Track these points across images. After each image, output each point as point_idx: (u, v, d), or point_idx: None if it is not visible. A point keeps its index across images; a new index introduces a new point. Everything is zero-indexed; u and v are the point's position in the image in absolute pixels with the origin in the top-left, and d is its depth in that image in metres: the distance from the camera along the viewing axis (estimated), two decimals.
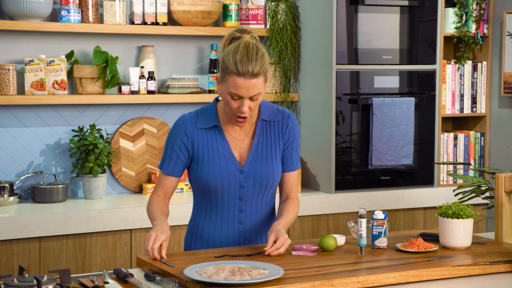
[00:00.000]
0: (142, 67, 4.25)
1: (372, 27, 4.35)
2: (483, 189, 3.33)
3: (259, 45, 2.65)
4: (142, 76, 4.23)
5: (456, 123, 5.00)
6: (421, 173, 4.56)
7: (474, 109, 4.78)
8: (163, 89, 4.37)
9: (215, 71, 4.40)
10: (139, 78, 4.23)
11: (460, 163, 3.43)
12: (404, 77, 4.48)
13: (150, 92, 4.26)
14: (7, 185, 3.96)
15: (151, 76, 4.25)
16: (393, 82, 4.45)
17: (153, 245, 2.56)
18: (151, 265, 2.52)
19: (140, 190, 4.33)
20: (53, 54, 4.17)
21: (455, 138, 4.73)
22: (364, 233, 2.67)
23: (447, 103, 4.69)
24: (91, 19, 4.13)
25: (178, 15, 4.31)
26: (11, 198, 3.93)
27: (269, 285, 2.27)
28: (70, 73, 4.19)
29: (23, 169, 4.14)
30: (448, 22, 4.68)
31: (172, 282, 2.31)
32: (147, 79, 4.25)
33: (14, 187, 4.03)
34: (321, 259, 2.61)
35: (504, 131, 4.71)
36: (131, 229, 3.88)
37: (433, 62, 4.55)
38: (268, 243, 2.62)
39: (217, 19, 4.45)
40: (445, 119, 4.94)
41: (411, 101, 4.41)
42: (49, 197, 4.00)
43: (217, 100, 2.81)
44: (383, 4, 4.36)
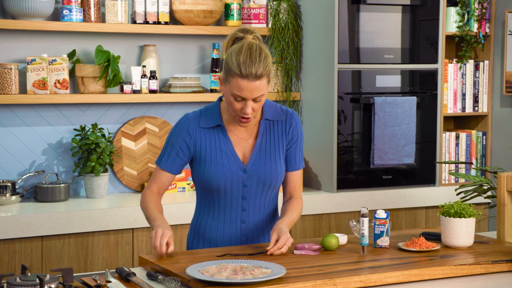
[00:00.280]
0: (144, 66, 4.25)
1: (374, 26, 4.35)
2: (485, 188, 3.33)
3: (262, 46, 2.64)
4: (144, 75, 4.24)
5: (458, 122, 4.99)
6: (423, 172, 4.56)
7: (476, 108, 4.78)
8: (165, 88, 4.37)
9: (217, 70, 4.40)
10: (141, 77, 4.23)
11: (462, 162, 3.43)
12: (406, 76, 4.48)
13: (152, 91, 4.26)
14: (9, 184, 3.96)
15: (153, 75, 4.25)
16: (395, 81, 4.45)
17: (161, 241, 2.55)
18: (153, 264, 2.52)
19: (142, 189, 4.33)
20: (55, 53, 4.17)
21: (457, 137, 4.72)
22: (366, 232, 2.67)
23: (449, 102, 4.69)
24: (93, 18, 4.13)
25: (180, 14, 4.31)
26: (13, 197, 3.93)
27: (271, 284, 2.27)
28: (72, 72, 4.19)
29: (25, 168, 4.14)
30: (450, 21, 4.68)
31: (174, 281, 2.31)
32: (149, 78, 4.25)
33: (16, 186, 4.04)
34: (323, 258, 2.61)
35: (506, 130, 4.71)
36: (133, 228, 3.88)
37: (435, 61, 4.54)
38: (271, 242, 2.62)
39: (219, 18, 4.45)
40: (447, 118, 4.94)
41: (413, 100, 4.41)
42: (51, 196, 4.00)
43: (221, 99, 2.80)
44: (385, 3, 4.36)
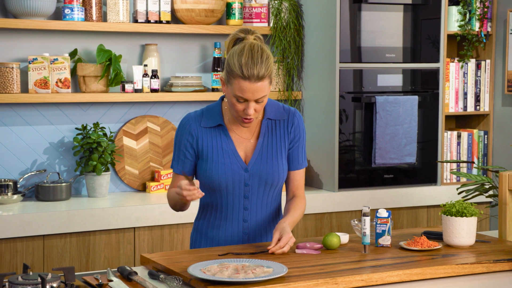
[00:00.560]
0: (145, 65, 4.25)
1: (375, 25, 4.35)
2: (486, 187, 3.32)
3: (263, 47, 2.63)
4: (145, 75, 4.24)
5: (460, 122, 4.99)
6: (424, 171, 4.56)
7: (478, 107, 4.78)
8: (166, 87, 4.37)
9: (218, 69, 4.40)
10: (143, 76, 4.24)
11: (464, 162, 3.42)
12: (407, 75, 4.47)
13: (153, 91, 4.26)
14: (10, 183, 3.96)
15: (154, 75, 4.25)
16: (396, 80, 4.45)
17: (188, 192, 2.54)
18: (155, 263, 2.52)
19: (143, 188, 4.34)
20: (56, 53, 4.17)
21: (459, 136, 4.72)
22: (367, 231, 2.67)
23: (450, 101, 4.69)
24: (94, 17, 4.13)
25: (181, 13, 4.31)
26: (15, 196, 3.94)
27: (273, 283, 2.27)
28: (73, 72, 4.20)
29: (26, 167, 4.15)
30: (451, 20, 4.68)
31: (176, 280, 2.31)
32: (151, 77, 4.25)
33: (18, 185, 4.04)
34: (324, 257, 2.61)
35: (507, 129, 4.71)
36: (134, 227, 3.88)
37: (436, 60, 4.54)
38: (273, 241, 2.62)
39: (220, 18, 4.44)
40: (448, 117, 4.93)
41: (414, 99, 4.41)
42: (52, 195, 4.00)
43: (222, 99, 2.80)
44: (386, 2, 4.36)
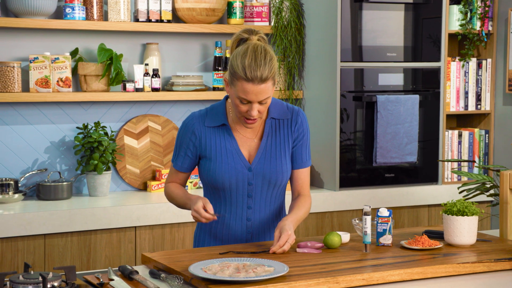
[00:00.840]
0: (146, 64, 4.26)
1: (376, 24, 4.35)
2: (487, 186, 3.32)
3: (267, 48, 2.62)
4: (146, 74, 4.24)
5: (461, 121, 4.99)
6: (425, 170, 4.56)
7: (479, 106, 4.78)
8: (167, 86, 4.37)
9: (219, 68, 4.40)
10: (144, 75, 4.24)
11: (465, 161, 3.42)
12: (408, 75, 4.47)
13: (154, 90, 4.26)
14: (12, 182, 3.96)
15: (155, 74, 4.25)
16: (397, 80, 4.44)
17: (204, 214, 2.63)
18: (156, 262, 2.53)
19: (144, 188, 4.34)
20: (57, 52, 4.17)
21: (460, 135, 4.72)
22: (368, 230, 2.67)
23: (451, 100, 4.69)
24: (95, 17, 4.13)
25: (182, 12, 4.31)
26: (16, 195, 3.94)
27: (274, 282, 2.27)
28: (74, 71, 4.20)
29: (27, 166, 4.15)
30: (452, 19, 4.68)
31: (177, 279, 2.31)
32: (152, 77, 4.25)
33: (19, 185, 4.04)
34: (325, 256, 2.61)
35: (508, 128, 4.70)
36: (135, 226, 3.88)
37: (437, 59, 4.54)
38: (274, 241, 2.62)
39: (221, 17, 4.44)
40: (449, 117, 4.93)
41: (415, 98, 4.40)
42: (53, 194, 4.00)
43: (227, 98, 2.80)
44: (387, 1, 4.36)
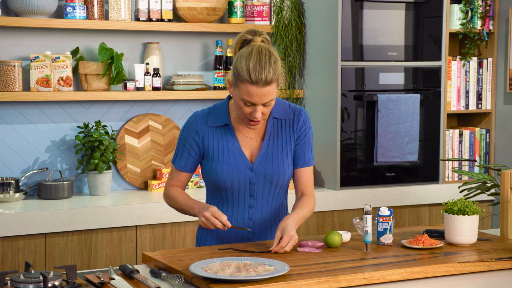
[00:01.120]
0: (147, 63, 4.26)
1: (377, 24, 4.35)
2: (488, 185, 3.32)
3: (271, 50, 2.61)
4: (147, 73, 4.24)
5: (462, 120, 4.99)
6: (426, 169, 4.56)
7: (480, 105, 4.78)
8: (168, 85, 4.37)
9: (220, 67, 4.40)
10: (144, 74, 4.24)
11: (466, 160, 3.42)
12: (409, 74, 4.47)
13: (155, 89, 4.26)
14: (12, 181, 3.96)
15: (156, 73, 4.25)
16: (398, 79, 4.44)
17: (215, 222, 2.62)
18: (156, 261, 2.53)
19: (145, 187, 4.34)
20: (58, 51, 4.17)
21: (461, 134, 4.72)
22: (369, 229, 2.67)
23: (452, 99, 4.69)
24: (96, 16, 4.13)
25: (183, 11, 4.31)
26: (17, 195, 3.94)
27: (274, 281, 2.27)
28: (75, 70, 4.20)
29: (28, 165, 4.15)
30: (453, 18, 4.67)
31: (177, 278, 2.31)
32: (152, 76, 4.25)
33: (20, 184, 4.04)
34: (326, 255, 2.61)
35: (509, 127, 4.70)
36: (136, 226, 3.88)
37: (438, 58, 4.54)
38: (275, 241, 2.61)
39: (222, 16, 4.44)
40: (450, 116, 4.93)
41: (416, 97, 4.40)
42: (54, 193, 4.00)
43: (229, 98, 2.80)
44: (388, 0, 4.36)
